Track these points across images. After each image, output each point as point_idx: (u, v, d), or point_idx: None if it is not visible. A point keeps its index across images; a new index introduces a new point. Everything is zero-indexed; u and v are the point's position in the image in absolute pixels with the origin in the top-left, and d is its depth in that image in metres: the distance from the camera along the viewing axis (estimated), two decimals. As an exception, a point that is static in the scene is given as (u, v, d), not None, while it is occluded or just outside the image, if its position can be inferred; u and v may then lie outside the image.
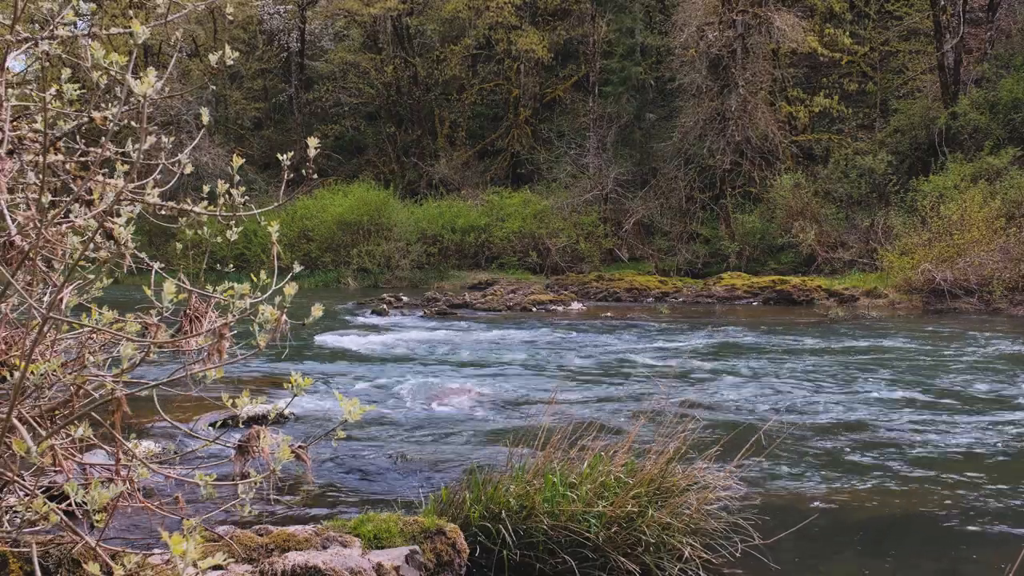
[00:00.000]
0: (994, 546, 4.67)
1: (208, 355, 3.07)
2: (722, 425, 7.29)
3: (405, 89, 36.06)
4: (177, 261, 3.54)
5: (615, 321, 17.47)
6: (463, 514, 4.13)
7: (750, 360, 11.55)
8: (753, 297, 21.84)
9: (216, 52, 3.34)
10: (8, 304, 3.19)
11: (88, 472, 3.30)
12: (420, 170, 34.32)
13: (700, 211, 28.50)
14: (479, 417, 7.80)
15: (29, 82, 3.60)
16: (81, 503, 2.62)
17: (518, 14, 33.59)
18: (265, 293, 3.01)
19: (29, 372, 2.69)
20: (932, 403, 8.57)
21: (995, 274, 18.95)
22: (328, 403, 7.77)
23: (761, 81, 28.33)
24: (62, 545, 3.07)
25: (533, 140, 34.16)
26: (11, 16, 3.02)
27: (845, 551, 4.61)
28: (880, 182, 25.67)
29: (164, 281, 2.95)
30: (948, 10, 27.24)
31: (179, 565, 2.28)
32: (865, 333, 14.85)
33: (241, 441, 3.10)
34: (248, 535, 3.53)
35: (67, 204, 3.07)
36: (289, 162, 3.25)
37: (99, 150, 3.05)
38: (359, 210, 28.70)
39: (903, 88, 28.84)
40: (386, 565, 3.45)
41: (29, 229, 3.05)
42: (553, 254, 27.74)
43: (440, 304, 19.73)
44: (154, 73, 2.71)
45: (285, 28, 37.29)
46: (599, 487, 4.20)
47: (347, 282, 27.33)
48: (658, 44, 30.87)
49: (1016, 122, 24.31)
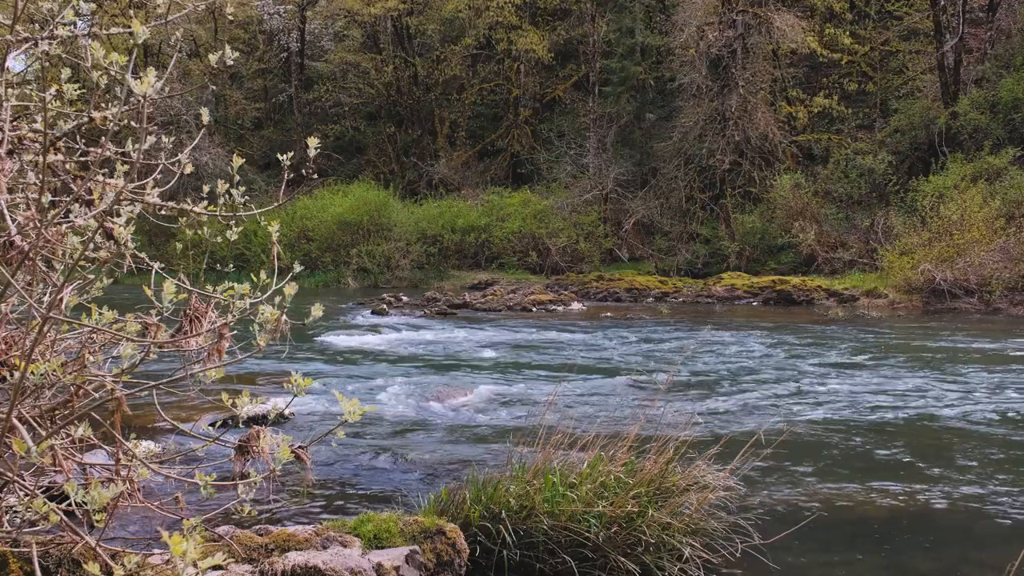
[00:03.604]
0: (994, 546, 4.67)
1: (208, 355, 3.07)
2: (722, 425, 7.29)
3: (405, 89, 36.06)
4: (177, 261, 3.54)
5: (615, 321, 17.47)
6: (463, 514, 4.13)
7: (750, 360, 11.55)
8: (753, 297, 21.84)
9: (216, 52, 3.34)
10: (8, 304, 3.19)
11: (88, 472, 3.30)
12: (420, 170, 34.31)
13: (700, 211, 28.50)
14: (479, 417, 7.80)
15: (29, 82, 3.60)
16: (81, 503, 2.62)
17: (518, 14, 33.60)
18: (265, 293, 3.01)
19: (29, 372, 2.69)
20: (932, 403, 8.57)
21: (995, 274, 18.96)
22: (328, 403, 7.77)
23: (761, 81, 28.33)
24: (62, 545, 3.07)
25: (533, 140, 34.16)
26: (11, 16, 3.02)
27: (845, 551, 4.61)
28: (880, 182, 25.68)
29: (164, 281, 2.95)
30: (948, 10, 27.25)
31: (179, 565, 2.28)
32: (865, 333, 14.85)
33: (241, 441, 3.10)
34: (248, 535, 3.53)
35: (67, 204, 3.07)
36: (289, 162, 3.25)
37: (99, 150, 3.05)
38: (359, 210, 28.71)
39: (903, 88, 28.84)
40: (386, 565, 3.45)
41: (29, 229, 3.05)
42: (553, 254, 27.74)
43: (440, 304, 19.73)
44: (154, 73, 2.71)
45: (285, 28, 37.29)
46: (599, 487, 4.20)
47: (347, 282, 27.33)
48: (658, 44, 30.87)
49: (1016, 122, 24.31)
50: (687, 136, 28.49)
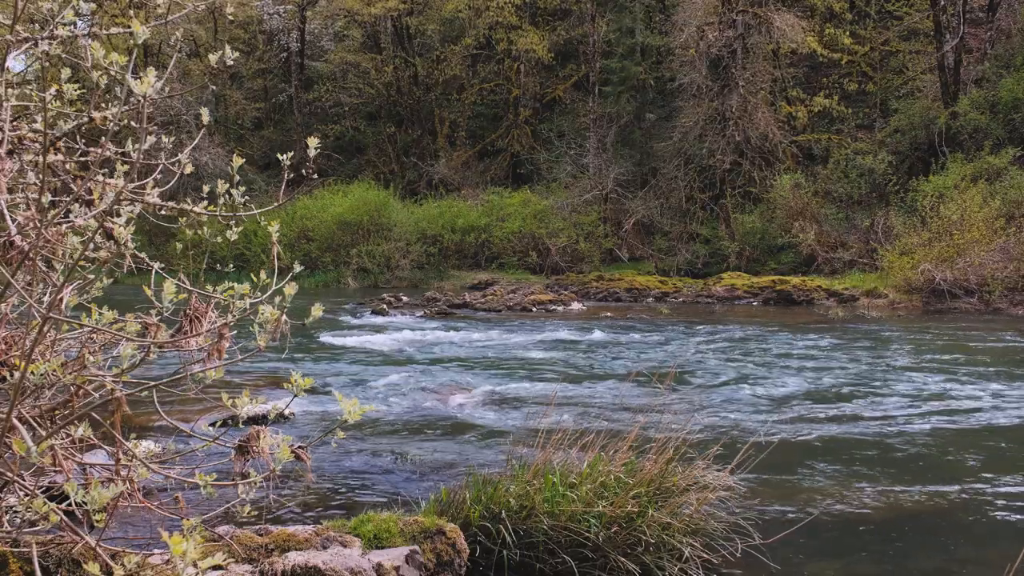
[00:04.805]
0: (994, 546, 4.67)
1: (208, 355, 3.07)
2: (722, 425, 7.29)
3: (405, 89, 36.06)
4: (177, 261, 3.54)
5: (615, 321, 17.47)
6: (463, 514, 4.13)
7: (750, 360, 11.55)
8: (753, 297, 21.83)
9: (216, 52, 3.34)
10: (8, 304, 3.19)
11: (88, 472, 3.30)
12: (420, 170, 34.31)
13: (700, 211, 28.50)
14: (479, 417, 7.80)
15: (29, 82, 3.60)
16: (81, 503, 2.62)
17: (518, 14, 33.60)
18: (265, 293, 3.01)
19: (29, 372, 2.69)
20: (932, 402, 8.57)
21: (995, 274, 18.96)
22: (328, 403, 7.77)
23: (761, 81, 28.33)
24: (62, 545, 3.07)
25: (533, 140, 34.16)
26: (11, 16, 3.02)
27: (845, 551, 4.61)
28: (880, 182, 25.68)
29: (164, 281, 2.95)
30: (948, 10, 27.25)
31: (179, 565, 2.28)
32: (865, 333, 14.85)
33: (241, 441, 3.10)
34: (248, 535, 3.53)
35: (67, 204, 3.07)
36: (289, 162, 3.25)
37: (99, 150, 3.05)
38: (359, 210, 28.71)
39: (903, 88, 28.84)
40: (386, 565, 3.45)
41: (29, 229, 3.05)
42: (553, 254, 27.73)
43: (440, 304, 19.73)
44: (154, 73, 2.71)
45: (285, 28, 37.29)
46: (599, 487, 4.20)
47: (347, 282, 27.33)
48: (658, 44, 30.87)
49: (1016, 122, 24.31)
50: (687, 136, 28.49)
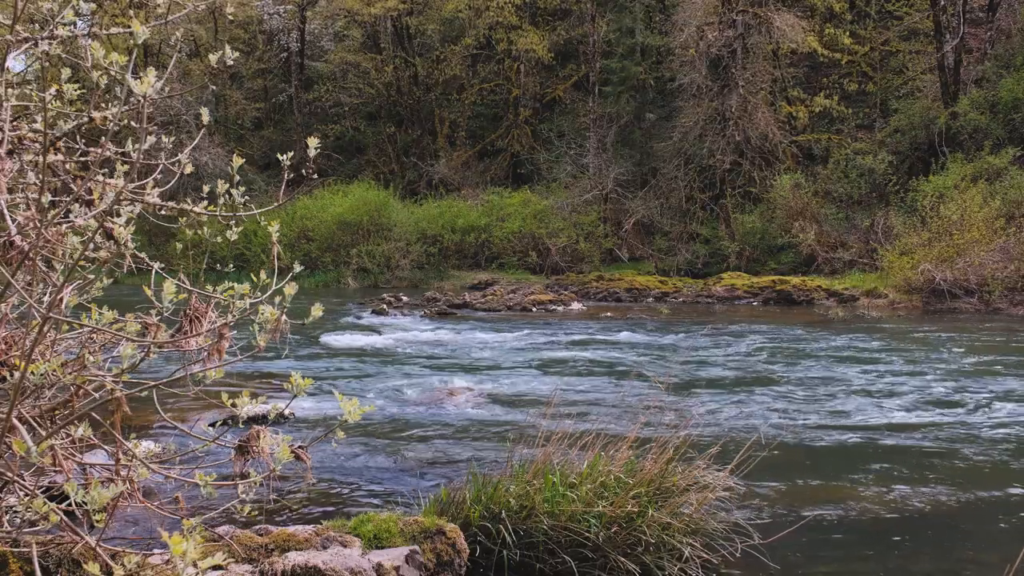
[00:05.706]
0: (994, 546, 4.67)
1: (208, 355, 3.07)
2: (722, 425, 7.29)
3: (405, 89, 36.05)
4: (177, 261, 3.54)
5: (615, 321, 17.46)
6: (463, 514, 4.13)
7: (750, 360, 11.55)
8: (753, 297, 21.83)
9: (216, 52, 3.34)
10: (8, 304, 3.19)
11: (88, 472, 3.30)
12: (420, 170, 34.31)
13: (700, 211, 28.50)
14: (479, 417, 7.80)
15: (29, 82, 3.60)
16: (81, 503, 2.62)
17: (518, 14, 33.60)
18: (265, 293, 3.01)
19: (29, 372, 2.69)
20: (932, 403, 8.57)
21: (995, 274, 18.95)
22: (328, 403, 7.77)
23: (761, 81, 28.32)
24: (62, 545, 3.07)
25: (533, 140, 34.16)
26: (11, 16, 3.02)
27: (845, 551, 4.61)
28: (880, 182, 25.68)
29: (164, 281, 2.95)
30: (948, 10, 27.25)
31: (179, 565, 2.28)
32: (865, 333, 14.85)
33: (241, 441, 3.10)
34: (248, 535, 3.53)
35: (67, 204, 3.07)
36: (289, 162, 3.25)
37: (99, 150, 3.05)
38: (359, 210, 28.70)
39: (903, 88, 28.83)
40: (386, 565, 3.45)
41: (29, 229, 3.05)
42: (553, 254, 27.73)
43: (440, 304, 19.73)
44: (154, 73, 2.71)
45: (285, 28, 37.29)
46: (599, 487, 4.20)
47: (347, 282, 27.33)
48: (658, 44, 30.86)
49: (1016, 122, 24.31)
50: (687, 136, 28.49)
